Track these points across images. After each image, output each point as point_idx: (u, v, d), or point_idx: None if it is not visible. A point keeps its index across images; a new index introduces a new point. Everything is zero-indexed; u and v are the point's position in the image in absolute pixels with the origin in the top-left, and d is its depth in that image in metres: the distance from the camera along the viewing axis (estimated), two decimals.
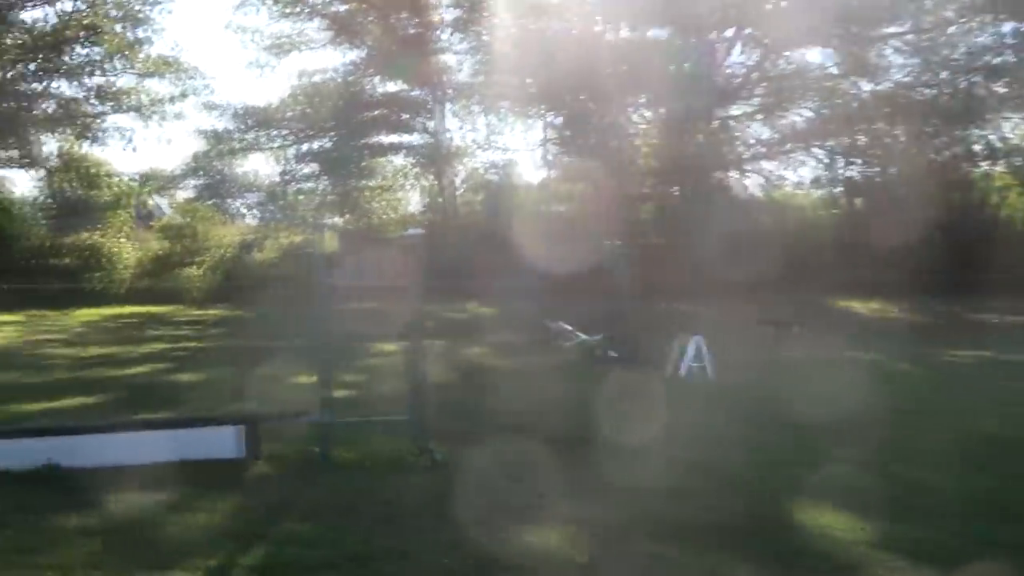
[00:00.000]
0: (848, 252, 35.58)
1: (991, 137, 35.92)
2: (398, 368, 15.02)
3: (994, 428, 10.08)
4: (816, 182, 39.77)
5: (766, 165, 38.53)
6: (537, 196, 41.42)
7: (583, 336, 18.82)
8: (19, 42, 36.97)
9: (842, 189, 39.73)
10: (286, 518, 6.68)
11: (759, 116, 37.98)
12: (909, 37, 34.93)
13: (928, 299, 30.85)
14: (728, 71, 38.45)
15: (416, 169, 41.21)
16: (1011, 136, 37.55)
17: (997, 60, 35.12)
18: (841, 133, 36.33)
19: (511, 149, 52.82)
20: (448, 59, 40.37)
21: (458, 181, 42.92)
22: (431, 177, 41.32)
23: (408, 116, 40.01)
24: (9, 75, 37.92)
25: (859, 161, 37.13)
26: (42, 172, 40.41)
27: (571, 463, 8.15)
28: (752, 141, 38.44)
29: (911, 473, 7.98)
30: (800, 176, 45.36)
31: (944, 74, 36.27)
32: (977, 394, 12.63)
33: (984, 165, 36.69)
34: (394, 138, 40.38)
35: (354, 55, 39.60)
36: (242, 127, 39.35)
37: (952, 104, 35.14)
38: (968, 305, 29.51)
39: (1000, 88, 35.52)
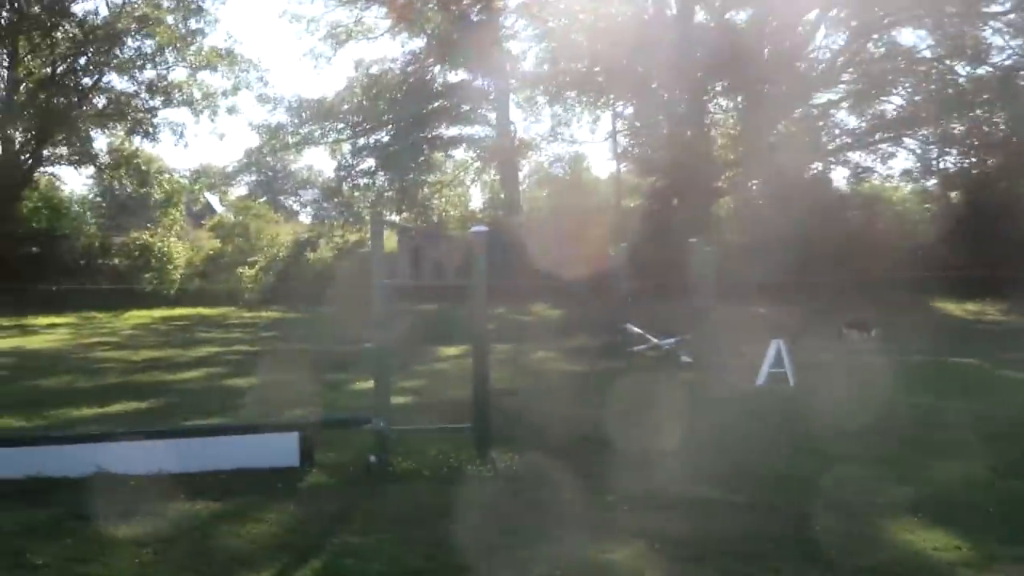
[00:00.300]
0: (943, 250, 35.00)
1: None
2: (462, 373, 15.23)
3: None
4: (908, 175, 39.07)
5: (853, 156, 37.87)
6: (607, 191, 41.30)
7: (656, 340, 18.74)
8: (71, 35, 38.01)
9: (936, 182, 39.00)
10: (343, 530, 6.75)
11: (846, 104, 37.43)
12: (1012, 16, 34.09)
13: None
14: (813, 56, 38.03)
15: (478, 163, 41.32)
16: None
17: None
18: (936, 121, 35.60)
19: (579, 142, 52.38)
20: (513, 47, 40.50)
21: (522, 176, 43.13)
22: (494, 172, 41.40)
23: (470, 108, 40.18)
24: (60, 69, 39.03)
25: (955, 151, 36.27)
26: (93, 169, 41.43)
27: (640, 474, 8.10)
28: (838, 131, 37.92)
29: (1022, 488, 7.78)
30: (890, 168, 44.81)
31: None
32: None
33: None
34: (455, 131, 40.59)
35: (414, 44, 39.99)
36: (297, 121, 39.91)
37: None
38: None
39: None
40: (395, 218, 39.61)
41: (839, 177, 41.58)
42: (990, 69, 35.66)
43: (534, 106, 40.95)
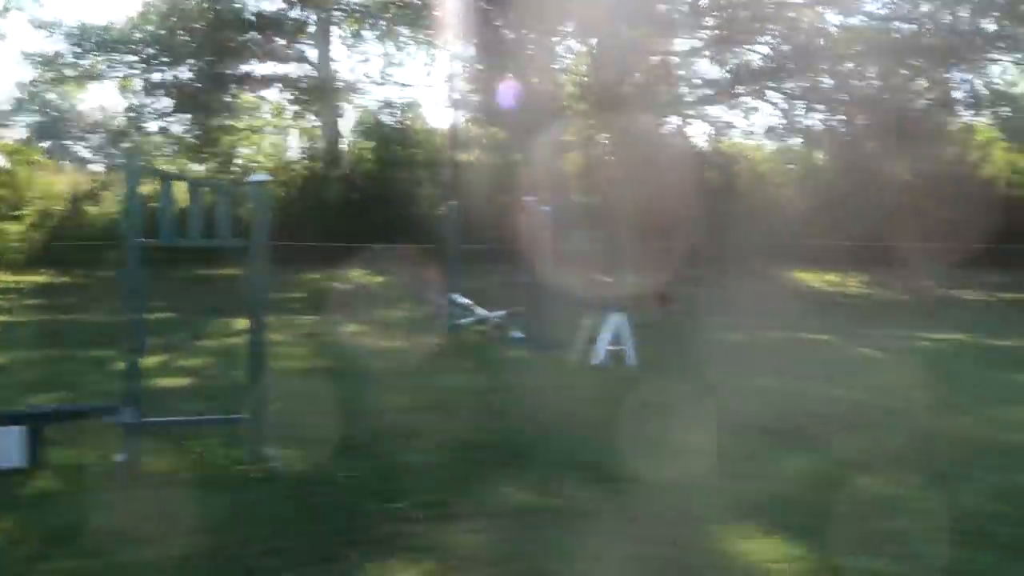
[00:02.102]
0: (805, 215, 35.86)
1: (976, 82, 36.30)
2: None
3: (968, 429, 9.89)
4: (771, 132, 39.81)
5: (712, 110, 38.37)
6: (442, 143, 40.70)
7: (484, 312, 18.41)
8: None
9: (801, 140, 39.92)
10: (66, 549, 6.06)
11: (707, 52, 37.84)
12: None
13: (899, 271, 31.16)
14: None
15: (295, 107, 40.01)
16: (998, 82, 38.19)
17: None
18: (802, 74, 36.36)
19: (411, 86, 51.60)
20: None
21: (348, 123, 42.06)
22: (313, 117, 40.21)
23: (286, 42, 38.78)
24: None
25: (822, 108, 37.15)
26: None
27: (444, 475, 7.68)
28: (698, 81, 38.31)
29: (872, 486, 7.69)
30: (752, 124, 45.62)
31: (925, 7, 36.72)
32: (950, 386, 12.50)
33: (966, 115, 37.03)
34: (268, 68, 39.13)
35: None
36: (79, 50, 37.67)
37: (933, 42, 35.53)
38: (948, 279, 29.88)
39: (989, 25, 36.02)
40: (196, 167, 38.01)
41: (698, 132, 42.22)
42: (863, 19, 36.63)
43: (360, 43, 39.91)
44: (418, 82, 57.76)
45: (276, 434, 8.17)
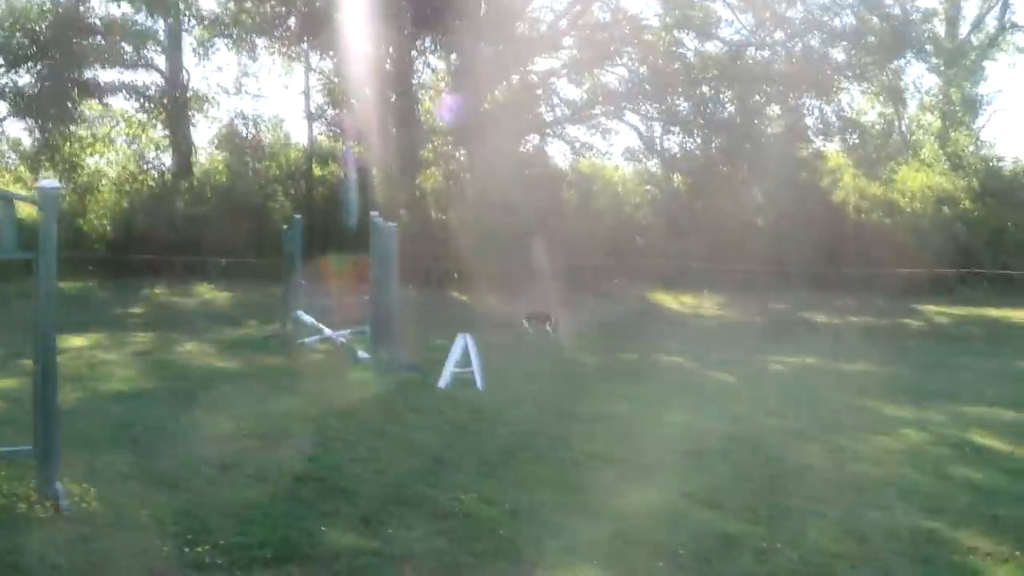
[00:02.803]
0: (662, 237, 35.94)
1: (825, 110, 36.98)
2: (77, 371, 13.45)
3: (817, 459, 9.57)
4: (629, 153, 39.88)
5: (572, 130, 38.17)
6: (299, 157, 39.64)
7: (328, 331, 17.67)
8: None
9: (658, 163, 40.05)
10: None
11: (566, 72, 37.70)
12: None
13: (753, 294, 31.36)
14: (534, 16, 38.09)
15: (142, 116, 38.40)
16: (847, 110, 39.02)
17: (836, 22, 36.44)
18: (659, 97, 36.49)
19: (267, 98, 50.20)
20: None
21: (198, 134, 40.68)
22: (161, 127, 38.66)
23: (133, 48, 37.17)
24: None
25: (678, 130, 37.37)
26: None
27: (267, 514, 6.93)
28: (558, 101, 38.13)
29: (717, 523, 7.20)
30: (611, 145, 45.70)
31: (778, 35, 37.32)
32: (800, 412, 12.24)
33: (817, 141, 37.69)
34: (114, 75, 37.46)
35: None
36: None
37: (785, 70, 36.12)
38: (801, 302, 30.17)
39: (838, 55, 36.78)
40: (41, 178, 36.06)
41: (557, 152, 42.04)
42: (719, 45, 36.98)
43: (213, 52, 38.57)
44: (275, 94, 56.23)
45: (73, 466, 7.30)
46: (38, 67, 35.80)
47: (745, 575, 6.13)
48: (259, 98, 39.72)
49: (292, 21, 35.95)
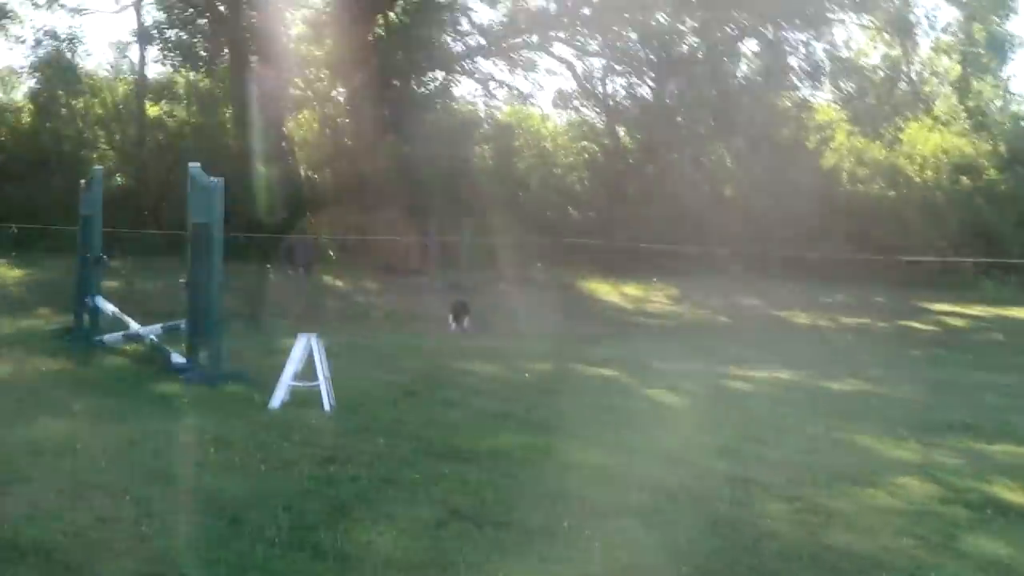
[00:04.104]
0: (604, 209, 35.28)
1: (815, 47, 36.46)
2: None
3: (783, 525, 8.63)
4: (561, 98, 39.08)
5: (486, 66, 37.19)
6: (127, 93, 38.32)
7: (136, 326, 16.60)
8: None
9: (599, 112, 39.31)
10: None
11: None
12: None
13: (717, 286, 30.77)
14: None
15: None
16: (843, 49, 38.56)
17: None
18: (603, 25, 35.62)
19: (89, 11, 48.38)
20: None
21: None
22: None
23: None
24: None
25: (625, 70, 36.61)
26: None
27: None
28: (468, 27, 37.05)
29: None
30: (540, 88, 44.97)
31: None
32: (764, 453, 11.34)
33: (804, 88, 37.20)
34: None
35: None
36: None
37: None
38: (779, 298, 29.62)
39: None
40: None
41: (466, 94, 41.09)
42: None
43: None
44: (101, 6, 54.54)
45: None
46: None
47: None
48: (79, 12, 37.88)
49: None
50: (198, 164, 15.29)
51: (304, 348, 12.65)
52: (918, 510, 9.20)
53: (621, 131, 38.71)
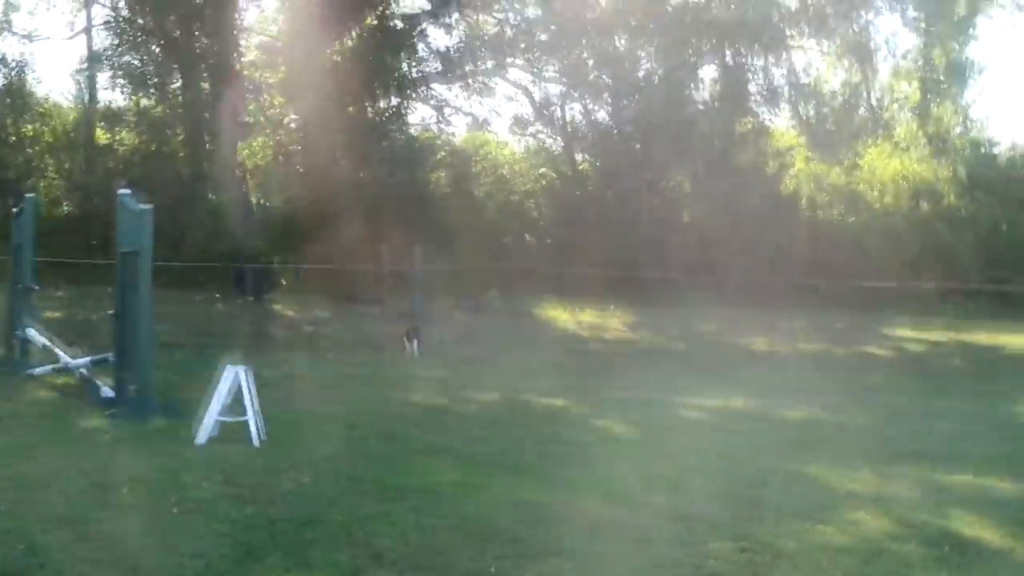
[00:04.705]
0: (561, 235, 34.88)
1: (774, 72, 36.23)
2: None
3: None
4: (520, 124, 38.66)
5: (441, 90, 36.74)
6: (77, 118, 37.69)
7: (65, 358, 15.99)
8: None
9: (559, 139, 38.92)
10: None
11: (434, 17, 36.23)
12: None
13: (674, 311, 30.40)
14: None
15: None
16: (802, 75, 38.30)
17: None
18: (559, 48, 35.30)
19: (44, 38, 47.87)
20: None
21: None
22: None
23: None
24: None
25: (581, 95, 36.26)
26: None
27: None
28: (425, 51, 36.60)
29: None
30: (496, 115, 44.49)
31: None
32: (715, 487, 10.84)
33: (762, 112, 36.93)
34: None
35: None
36: None
37: (722, 18, 35.14)
38: (737, 323, 29.29)
39: (792, 0, 35.92)
40: None
41: (422, 118, 40.62)
42: None
43: None
44: (48, 34, 53.91)
45: None
46: None
47: None
48: (30, 39, 37.39)
49: None
50: (128, 190, 14.66)
51: (232, 381, 12.05)
52: (870, 548, 8.70)
53: (579, 156, 38.27)
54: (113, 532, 8.23)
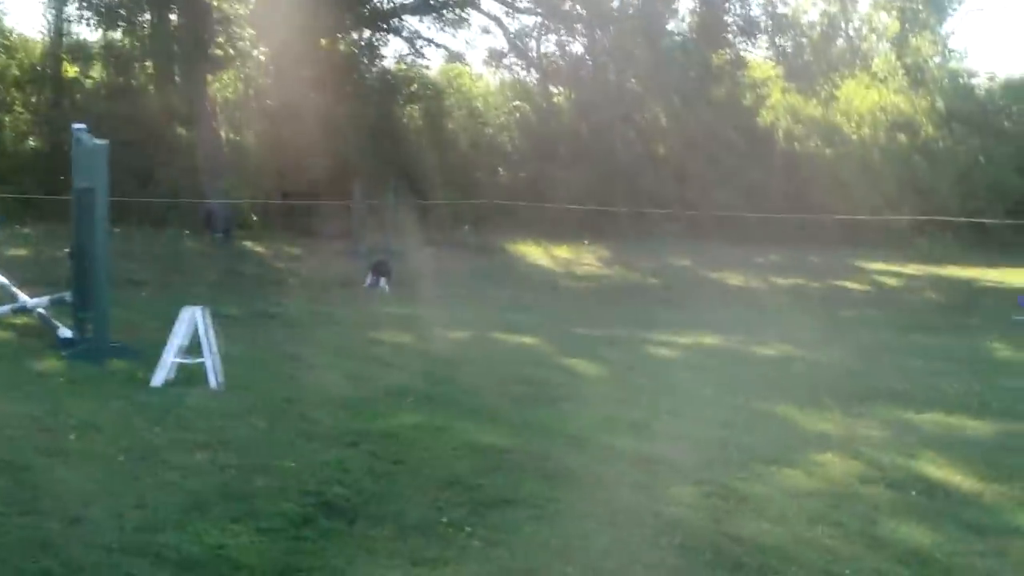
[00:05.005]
0: (535, 170, 34.47)
1: (751, 2, 35.86)
2: None
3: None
4: (494, 57, 38.15)
5: (414, 23, 36.18)
6: (43, 53, 37.02)
7: (23, 299, 15.59)
8: None
9: (536, 72, 38.46)
10: None
11: None
12: None
13: (648, 246, 30.14)
14: None
15: None
16: (780, 5, 37.87)
17: None
18: None
19: None
20: None
21: None
22: None
23: None
24: None
25: (556, 27, 35.78)
26: None
27: None
28: None
29: None
30: (471, 47, 44.01)
31: None
32: (663, 421, 10.61)
33: (739, 43, 36.52)
34: None
35: None
36: None
37: None
38: (711, 258, 29.07)
39: None
40: None
41: (393, 53, 40.06)
42: None
43: None
44: None
45: None
46: None
47: None
48: None
49: None
50: (83, 125, 14.24)
51: (189, 322, 11.74)
52: (837, 491, 8.50)
53: (554, 89, 37.83)
54: (55, 480, 7.95)
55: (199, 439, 9.21)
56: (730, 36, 36.07)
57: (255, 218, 32.03)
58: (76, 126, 14.30)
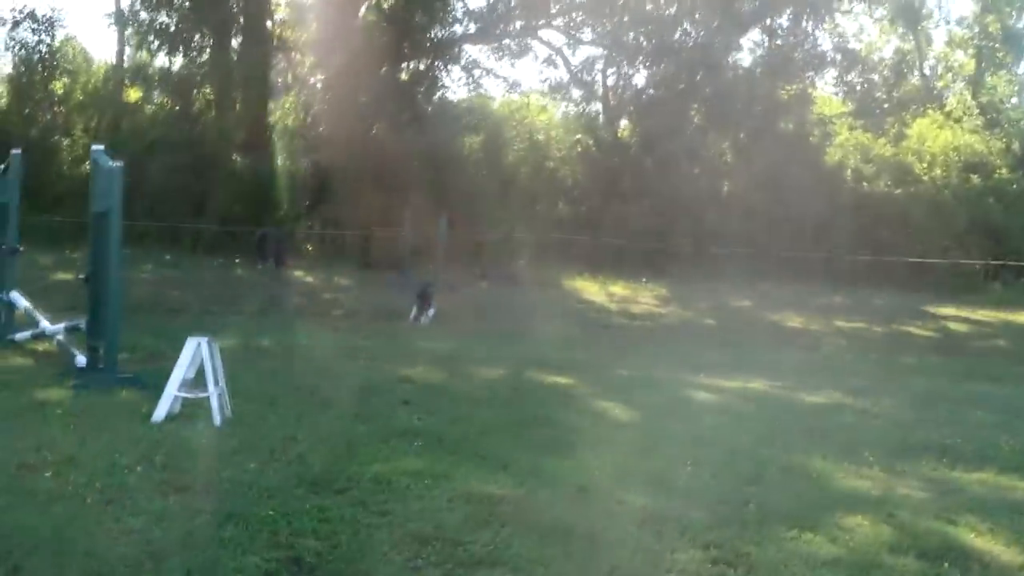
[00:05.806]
0: (596, 205, 34.06)
1: (821, 37, 35.29)
2: None
3: None
4: (558, 90, 37.75)
5: (473, 52, 35.90)
6: (106, 76, 37.18)
7: (44, 324, 15.44)
8: None
9: (599, 106, 38.04)
10: None
11: None
12: None
13: (709, 285, 29.47)
14: None
15: None
16: (851, 40, 37.23)
17: None
18: (602, 12, 34.41)
19: None
20: None
21: None
22: None
23: None
24: None
25: (619, 58, 35.36)
26: None
27: None
28: (461, 14, 35.72)
29: None
30: (544, 79, 43.61)
31: None
32: (686, 472, 9.93)
33: (807, 78, 35.93)
34: None
35: None
36: None
37: None
38: (774, 298, 28.39)
39: None
40: None
41: (455, 82, 39.91)
42: None
43: None
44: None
45: None
46: None
47: None
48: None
49: None
50: (102, 146, 13.86)
51: (193, 354, 11.21)
52: (859, 561, 7.72)
53: (621, 123, 37.43)
54: (11, 523, 7.42)
55: (180, 481, 8.64)
56: (797, 71, 35.43)
57: (310, 248, 31.80)
58: (95, 147, 13.94)
